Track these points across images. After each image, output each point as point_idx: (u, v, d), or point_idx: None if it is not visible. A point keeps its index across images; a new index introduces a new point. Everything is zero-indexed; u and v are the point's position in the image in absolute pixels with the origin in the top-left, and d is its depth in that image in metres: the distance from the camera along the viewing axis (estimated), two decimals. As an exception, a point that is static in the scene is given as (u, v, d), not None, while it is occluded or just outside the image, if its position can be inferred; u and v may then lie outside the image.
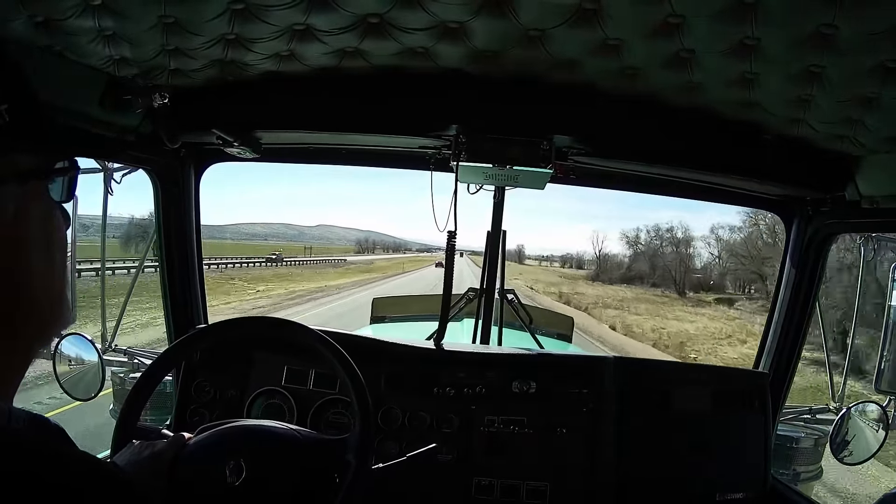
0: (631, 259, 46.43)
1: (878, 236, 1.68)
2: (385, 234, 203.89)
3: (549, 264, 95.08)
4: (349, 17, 0.97)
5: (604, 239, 67.46)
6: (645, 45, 0.98)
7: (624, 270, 45.43)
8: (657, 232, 43.15)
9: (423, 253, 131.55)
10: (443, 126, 1.37)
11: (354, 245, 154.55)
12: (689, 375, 1.62)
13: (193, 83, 1.26)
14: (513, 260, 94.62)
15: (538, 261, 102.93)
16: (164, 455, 0.93)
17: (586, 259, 73.71)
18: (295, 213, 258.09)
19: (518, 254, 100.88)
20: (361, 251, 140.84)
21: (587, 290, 37.99)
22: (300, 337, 1.10)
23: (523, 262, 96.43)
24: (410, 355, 1.50)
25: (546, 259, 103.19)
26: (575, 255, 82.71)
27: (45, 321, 0.52)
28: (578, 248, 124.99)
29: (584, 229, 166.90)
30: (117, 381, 1.84)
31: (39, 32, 0.93)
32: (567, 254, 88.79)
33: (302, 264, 50.73)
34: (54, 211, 0.53)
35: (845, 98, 1.03)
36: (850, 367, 1.91)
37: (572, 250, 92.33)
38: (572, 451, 1.44)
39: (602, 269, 51.38)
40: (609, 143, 1.39)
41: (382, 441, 1.40)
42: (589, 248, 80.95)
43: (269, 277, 32.29)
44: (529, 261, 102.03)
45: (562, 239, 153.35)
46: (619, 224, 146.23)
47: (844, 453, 1.68)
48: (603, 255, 57.53)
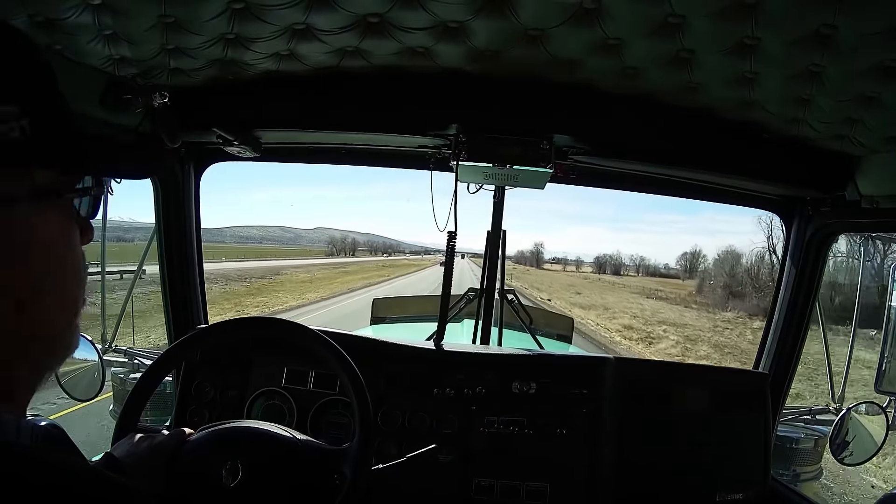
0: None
1: (877, 236, 1.68)
2: (385, 238, 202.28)
3: (574, 268, 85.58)
4: (349, 16, 0.97)
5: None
6: (645, 45, 0.98)
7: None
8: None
9: (415, 256, 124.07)
10: (443, 125, 1.37)
11: (326, 247, 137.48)
12: (688, 376, 1.62)
13: (193, 83, 1.26)
14: (529, 264, 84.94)
15: (560, 263, 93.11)
16: (163, 448, 0.93)
17: (625, 263, 66.29)
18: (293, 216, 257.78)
19: (535, 256, 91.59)
20: (334, 253, 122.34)
21: (687, 320, 21.35)
22: (301, 338, 1.10)
23: (542, 266, 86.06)
24: (410, 356, 1.50)
25: (572, 262, 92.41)
26: (607, 258, 74.87)
27: (55, 344, 0.50)
28: (604, 249, 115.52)
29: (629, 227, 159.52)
30: (117, 382, 1.84)
31: (39, 32, 0.93)
32: (602, 255, 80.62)
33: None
34: (72, 230, 0.50)
35: (845, 98, 1.03)
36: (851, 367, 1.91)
37: (600, 252, 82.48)
38: (572, 451, 1.44)
39: (705, 282, 33.92)
40: (609, 143, 1.39)
41: (382, 441, 1.40)
42: (624, 250, 73.69)
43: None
44: (551, 265, 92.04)
45: (592, 240, 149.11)
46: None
47: (844, 454, 1.68)
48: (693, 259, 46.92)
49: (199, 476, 0.92)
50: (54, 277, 0.48)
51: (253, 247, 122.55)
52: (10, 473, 0.39)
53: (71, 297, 0.50)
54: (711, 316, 23.47)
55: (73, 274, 0.50)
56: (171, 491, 0.89)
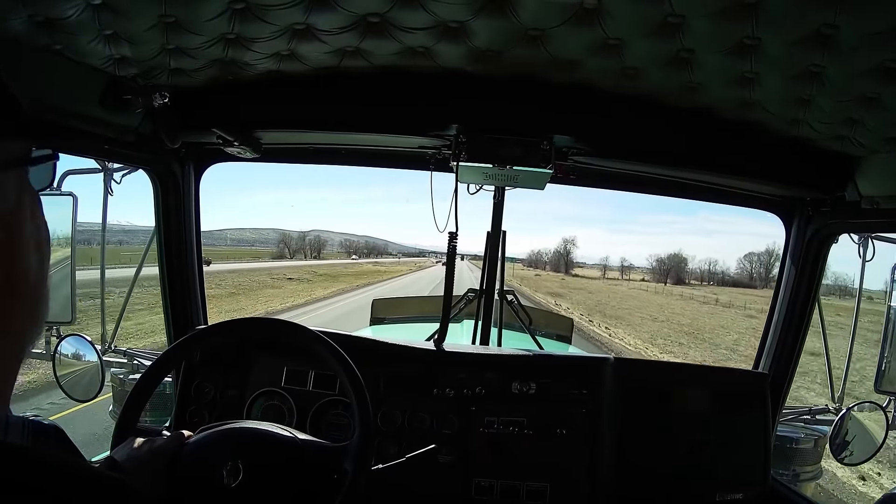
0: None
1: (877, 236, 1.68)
2: (385, 241, 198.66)
3: (620, 275, 68.19)
4: (349, 16, 0.97)
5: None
6: (645, 45, 0.98)
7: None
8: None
9: (403, 258, 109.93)
10: (443, 126, 1.37)
11: (275, 248, 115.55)
12: (688, 376, 1.62)
13: (194, 83, 1.26)
14: (554, 268, 67.16)
15: (599, 268, 74.43)
16: (163, 451, 0.92)
17: (689, 269, 52.90)
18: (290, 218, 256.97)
19: (564, 259, 71.97)
20: (286, 255, 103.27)
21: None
22: (300, 338, 1.10)
23: (571, 272, 69.92)
24: (410, 356, 1.50)
25: (613, 267, 71.82)
26: (671, 263, 59.23)
27: (34, 320, 0.50)
28: (656, 250, 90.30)
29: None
30: (117, 383, 1.84)
31: (39, 32, 0.93)
32: (658, 259, 63.93)
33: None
34: (40, 205, 0.51)
35: (845, 98, 1.03)
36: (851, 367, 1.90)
37: (647, 255, 66.07)
38: (572, 451, 1.44)
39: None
40: (609, 143, 1.39)
41: (382, 442, 1.40)
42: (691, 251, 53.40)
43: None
44: (587, 270, 72.81)
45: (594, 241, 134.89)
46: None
47: (844, 453, 1.68)
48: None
49: (201, 477, 0.92)
50: (35, 251, 0.49)
51: (246, 249, 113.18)
52: (10, 473, 0.39)
53: (39, 268, 0.51)
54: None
55: (47, 244, 0.52)
56: (173, 493, 0.89)
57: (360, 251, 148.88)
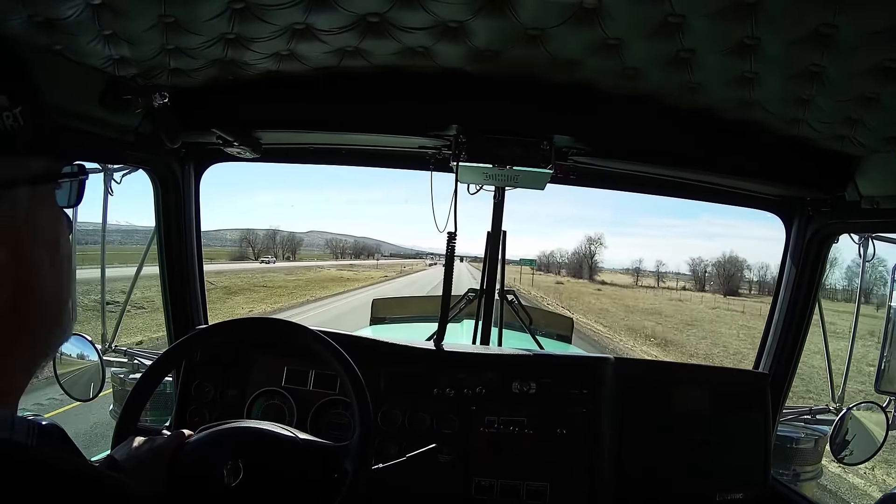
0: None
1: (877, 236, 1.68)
2: (376, 240, 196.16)
3: (656, 281, 58.40)
4: (349, 16, 0.97)
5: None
6: (645, 45, 0.98)
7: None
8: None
9: (382, 260, 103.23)
10: (443, 126, 1.37)
11: (235, 246, 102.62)
12: (688, 376, 1.62)
13: (193, 83, 1.26)
14: (574, 273, 56.47)
15: (631, 274, 64.50)
16: (163, 451, 0.93)
17: (747, 279, 43.16)
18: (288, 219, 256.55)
19: (588, 262, 60.51)
20: (250, 256, 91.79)
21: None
22: (301, 338, 1.10)
23: (595, 278, 59.77)
24: (410, 356, 1.50)
25: (649, 273, 61.74)
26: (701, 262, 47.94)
27: (52, 330, 0.51)
28: (695, 253, 75.80)
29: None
30: (117, 382, 1.84)
31: (39, 32, 0.93)
32: (699, 261, 51.77)
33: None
34: (61, 217, 0.52)
35: (845, 98, 1.03)
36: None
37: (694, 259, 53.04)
38: (572, 451, 1.44)
39: None
40: (609, 143, 1.39)
41: (382, 441, 1.40)
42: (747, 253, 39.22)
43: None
44: (613, 276, 61.87)
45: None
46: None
47: (844, 453, 1.68)
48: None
49: (201, 477, 0.92)
50: (50, 263, 0.49)
51: (236, 250, 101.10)
52: (10, 473, 0.39)
53: (64, 283, 0.52)
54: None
55: (67, 256, 0.52)
56: (173, 492, 0.89)
57: (346, 252, 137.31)
